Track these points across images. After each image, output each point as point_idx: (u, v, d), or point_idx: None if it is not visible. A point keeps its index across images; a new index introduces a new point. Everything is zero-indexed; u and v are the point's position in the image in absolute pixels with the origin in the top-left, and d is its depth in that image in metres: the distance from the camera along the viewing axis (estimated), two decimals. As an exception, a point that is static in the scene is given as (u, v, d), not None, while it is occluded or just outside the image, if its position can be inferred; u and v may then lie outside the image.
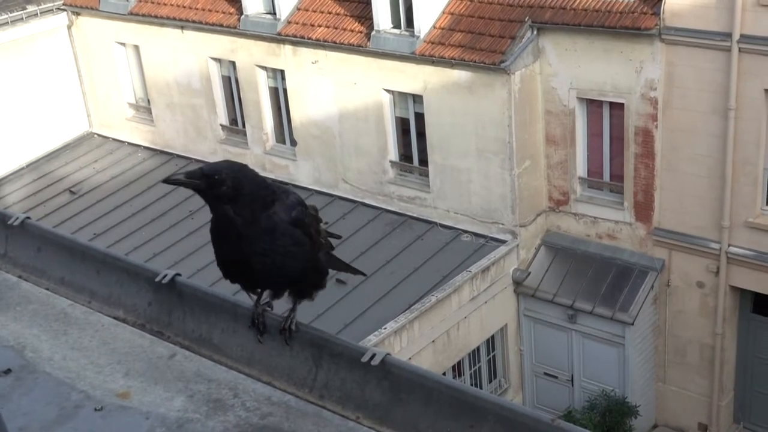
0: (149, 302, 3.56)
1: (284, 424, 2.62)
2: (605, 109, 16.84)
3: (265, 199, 3.01)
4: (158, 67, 21.83)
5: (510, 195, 17.26)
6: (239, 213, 2.93)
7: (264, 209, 2.98)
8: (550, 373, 18.27)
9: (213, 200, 2.96)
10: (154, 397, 2.79)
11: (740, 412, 17.82)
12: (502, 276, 17.38)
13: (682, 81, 15.68)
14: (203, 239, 18.73)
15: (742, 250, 16.06)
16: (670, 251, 16.85)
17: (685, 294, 17.03)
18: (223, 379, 2.88)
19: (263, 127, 20.57)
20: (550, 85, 16.94)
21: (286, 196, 3.08)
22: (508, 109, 16.65)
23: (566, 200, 17.66)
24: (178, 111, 21.95)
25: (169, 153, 22.23)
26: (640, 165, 16.53)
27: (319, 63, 18.87)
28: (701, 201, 16.22)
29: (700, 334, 17.16)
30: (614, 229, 17.30)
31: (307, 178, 20.09)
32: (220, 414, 2.69)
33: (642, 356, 17.40)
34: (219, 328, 3.38)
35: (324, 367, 3.14)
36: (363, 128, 18.82)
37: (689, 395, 17.69)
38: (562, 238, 17.86)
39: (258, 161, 20.84)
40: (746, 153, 15.48)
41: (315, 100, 19.28)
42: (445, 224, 18.09)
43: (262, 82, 20.24)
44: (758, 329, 17.12)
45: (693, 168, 16.11)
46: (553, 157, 17.48)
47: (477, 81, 16.86)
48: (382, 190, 19.01)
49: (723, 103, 15.34)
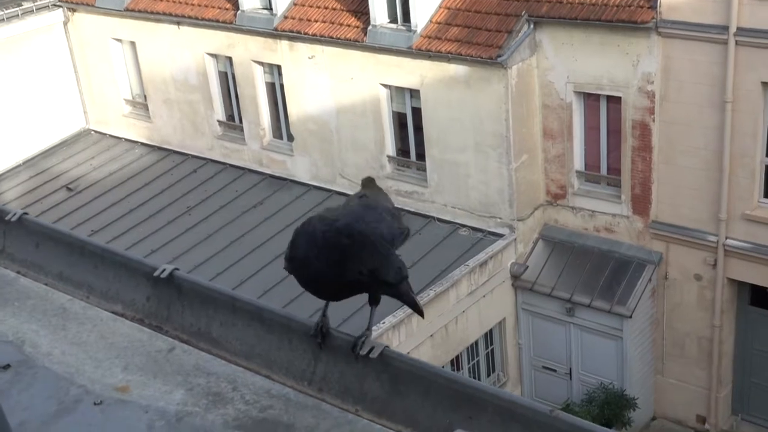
0: (148, 297, 3.56)
1: (283, 417, 2.63)
2: (602, 102, 16.85)
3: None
4: (155, 63, 21.80)
5: (507, 189, 17.26)
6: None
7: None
8: (548, 366, 18.29)
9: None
10: (154, 391, 2.79)
11: (738, 403, 17.85)
12: (500, 270, 17.39)
13: (679, 74, 15.68)
14: (201, 235, 18.78)
15: (740, 243, 16.08)
16: (667, 244, 16.87)
17: (683, 287, 17.05)
18: (222, 373, 2.88)
19: (260, 122, 20.56)
20: (547, 79, 16.94)
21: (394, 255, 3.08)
22: (505, 103, 16.65)
23: (564, 194, 17.67)
24: (175, 107, 21.93)
25: (166, 149, 22.22)
26: (638, 158, 16.54)
27: (315, 58, 18.86)
28: (699, 194, 16.24)
29: (698, 327, 17.18)
30: (612, 222, 17.31)
31: (304, 173, 20.09)
32: (220, 407, 2.69)
33: (640, 349, 17.43)
34: (217, 321, 3.38)
35: (323, 360, 3.14)
36: (360, 123, 18.82)
37: (687, 387, 17.73)
38: (560, 232, 17.87)
39: (255, 157, 20.84)
40: (743, 145, 15.49)
41: (312, 96, 19.27)
42: (443, 218, 18.09)
43: (258, 77, 20.23)
44: (756, 321, 17.14)
45: (690, 161, 16.12)
46: (551, 151, 17.48)
47: (474, 75, 16.85)
48: (379, 185, 18.96)
49: (720, 95, 15.34)
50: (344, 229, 2.98)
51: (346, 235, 2.96)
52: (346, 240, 2.94)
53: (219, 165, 21.22)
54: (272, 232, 18.43)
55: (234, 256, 17.88)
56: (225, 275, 17.10)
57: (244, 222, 19.00)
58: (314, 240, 2.98)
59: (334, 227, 2.99)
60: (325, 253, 2.95)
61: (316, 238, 2.98)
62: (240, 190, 20.23)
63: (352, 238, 2.96)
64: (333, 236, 2.96)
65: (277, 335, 3.27)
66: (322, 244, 2.96)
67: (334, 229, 2.98)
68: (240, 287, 16.14)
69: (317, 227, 3.02)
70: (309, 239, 3.00)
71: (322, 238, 2.97)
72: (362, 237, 2.96)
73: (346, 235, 2.96)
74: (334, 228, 2.98)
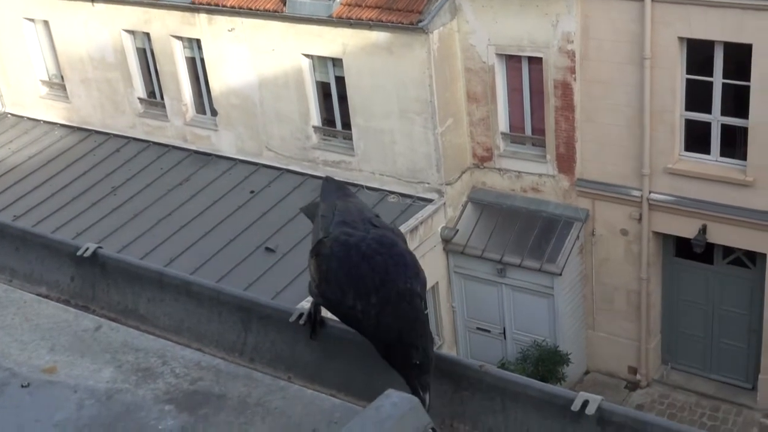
0: (72, 277, 3.51)
1: (215, 388, 2.61)
2: (524, 64, 16.98)
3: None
4: (70, 42, 21.32)
5: (434, 154, 17.34)
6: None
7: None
8: (482, 327, 18.51)
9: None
10: (82, 370, 2.75)
11: (667, 353, 18.31)
12: (431, 235, 17.50)
13: (597, 33, 15.86)
14: (128, 214, 18.51)
15: (663, 196, 16.42)
16: (593, 201, 17.14)
17: (610, 242, 17.37)
18: (151, 348, 2.85)
19: (182, 98, 20.28)
20: (469, 42, 17.00)
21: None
22: (428, 69, 16.68)
23: (490, 156, 17.81)
24: (94, 86, 21.51)
25: (86, 129, 21.81)
26: (561, 118, 16.73)
27: (235, 31, 18.64)
28: (622, 150, 16.51)
29: (626, 281, 17.54)
30: (538, 182, 17.52)
31: (229, 147, 19.90)
32: (150, 382, 2.66)
33: (571, 305, 17.74)
34: (145, 298, 3.34)
35: (253, 331, 3.13)
36: (284, 95, 18.69)
37: (618, 340, 18.11)
38: (488, 194, 18.03)
39: (179, 133, 20.58)
40: (663, 101, 15.76)
41: (233, 69, 19.06)
42: (372, 186, 18.12)
43: (178, 52, 19.93)
44: (681, 273, 17.56)
45: (612, 118, 16.36)
46: (475, 114, 17.58)
47: (396, 42, 16.83)
48: (306, 155, 18.94)
49: (638, 53, 15.57)
50: (406, 293, 2.71)
51: (407, 301, 2.70)
52: (406, 306, 2.69)
53: (142, 143, 20.91)
54: (200, 208, 18.27)
55: (163, 234, 17.69)
56: (154, 254, 16.91)
57: (171, 199, 18.79)
58: (367, 292, 2.71)
59: (401, 290, 2.70)
60: (374, 311, 2.68)
61: (369, 291, 2.70)
62: (165, 168, 19.98)
63: (411, 305, 2.69)
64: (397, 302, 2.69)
65: (207, 308, 3.25)
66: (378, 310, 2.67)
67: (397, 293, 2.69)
68: (170, 265, 15.98)
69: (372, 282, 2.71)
70: (360, 286, 2.72)
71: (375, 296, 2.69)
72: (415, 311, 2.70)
73: (408, 300, 2.70)
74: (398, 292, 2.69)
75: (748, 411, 17.21)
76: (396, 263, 2.77)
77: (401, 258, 2.80)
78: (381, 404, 2.15)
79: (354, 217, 2.99)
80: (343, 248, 2.81)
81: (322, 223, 3.01)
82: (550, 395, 2.58)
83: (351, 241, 2.83)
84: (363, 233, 2.87)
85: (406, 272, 2.76)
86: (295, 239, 16.42)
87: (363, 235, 2.86)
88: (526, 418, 2.61)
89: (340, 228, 2.91)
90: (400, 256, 2.80)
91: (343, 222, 2.94)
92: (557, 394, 2.58)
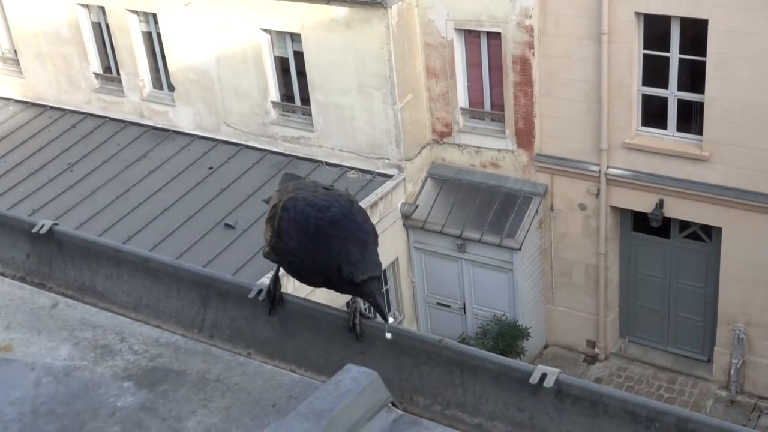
0: (27, 254, 3.47)
1: (174, 364, 2.61)
2: (483, 39, 16.99)
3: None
4: (23, 17, 20.96)
5: (394, 129, 17.32)
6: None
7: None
8: (442, 302, 18.60)
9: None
10: (39, 348, 2.73)
11: (625, 327, 18.53)
12: (391, 210, 17.51)
13: (555, 7, 15.90)
14: (85, 191, 18.31)
15: (621, 171, 16.56)
16: (552, 176, 17.25)
17: (568, 217, 17.50)
18: (108, 325, 2.84)
19: (138, 73, 20.05)
20: (428, 17, 16.96)
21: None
22: (387, 44, 16.63)
23: (449, 132, 17.84)
24: (48, 61, 21.19)
25: (42, 105, 21.50)
26: (520, 93, 16.78)
27: (192, 5, 18.43)
28: (580, 125, 16.60)
29: (585, 255, 17.69)
30: (497, 157, 17.58)
31: (187, 123, 19.74)
32: (108, 359, 2.65)
33: (530, 280, 17.87)
34: (102, 275, 3.31)
35: (212, 307, 3.12)
36: (242, 70, 18.54)
37: (577, 314, 18.29)
38: (448, 170, 18.07)
39: (135, 109, 20.36)
40: (620, 76, 15.86)
41: (190, 44, 18.87)
42: (331, 162, 18.07)
43: (134, 26, 19.68)
44: (638, 247, 17.74)
45: (570, 93, 16.44)
46: (435, 90, 17.58)
47: (354, 16, 16.75)
48: (265, 131, 18.83)
49: (596, 27, 15.63)
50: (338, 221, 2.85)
51: (338, 229, 2.83)
52: (336, 232, 2.82)
53: (98, 119, 20.66)
54: (158, 184, 18.11)
55: (120, 211, 17.53)
56: (112, 231, 16.76)
57: (129, 176, 18.61)
58: (306, 230, 2.85)
59: (327, 218, 2.86)
60: (314, 243, 2.82)
61: (308, 227, 2.85)
62: (122, 144, 19.77)
63: (344, 232, 2.83)
64: (326, 227, 2.84)
65: (165, 285, 3.23)
66: (313, 232, 2.83)
67: (328, 219, 2.85)
68: (129, 242, 15.85)
69: (309, 214, 2.88)
70: (300, 228, 2.86)
71: (315, 226, 2.85)
72: (349, 232, 2.84)
73: (339, 228, 2.83)
74: (327, 219, 2.85)
75: (704, 383, 17.50)
76: (342, 211, 2.92)
77: (349, 206, 2.96)
78: (341, 379, 2.16)
79: (308, 186, 3.11)
80: (292, 201, 2.95)
81: (277, 195, 3.11)
82: (508, 368, 2.60)
83: (299, 195, 2.97)
84: (313, 192, 3.01)
85: (345, 209, 2.93)
86: (254, 215, 16.35)
87: (313, 192, 3.00)
88: (485, 391, 2.63)
89: (293, 194, 3.04)
90: (346, 208, 2.94)
91: (296, 190, 3.06)
92: (516, 368, 2.60)
